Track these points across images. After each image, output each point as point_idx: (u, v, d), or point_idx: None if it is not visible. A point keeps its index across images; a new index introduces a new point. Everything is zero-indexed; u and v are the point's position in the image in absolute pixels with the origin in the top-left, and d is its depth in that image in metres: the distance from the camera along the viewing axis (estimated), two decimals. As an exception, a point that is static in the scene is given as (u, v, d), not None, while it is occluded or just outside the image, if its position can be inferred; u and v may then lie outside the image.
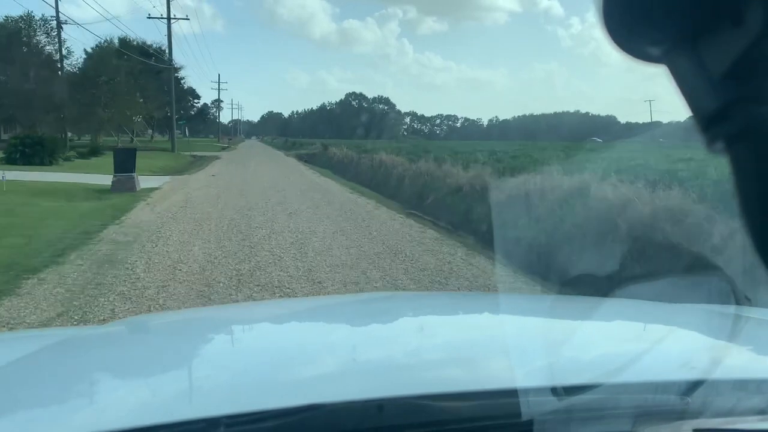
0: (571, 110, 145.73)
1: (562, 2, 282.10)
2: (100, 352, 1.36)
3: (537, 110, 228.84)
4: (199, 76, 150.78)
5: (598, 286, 4.37)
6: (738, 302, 1.91)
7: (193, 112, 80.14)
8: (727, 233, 4.79)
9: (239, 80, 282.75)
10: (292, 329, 1.56)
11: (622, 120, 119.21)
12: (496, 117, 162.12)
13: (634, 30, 0.40)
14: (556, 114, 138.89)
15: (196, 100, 79.48)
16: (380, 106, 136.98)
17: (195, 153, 37.95)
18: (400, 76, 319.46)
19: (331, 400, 0.85)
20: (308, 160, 32.24)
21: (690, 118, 0.40)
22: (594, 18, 0.41)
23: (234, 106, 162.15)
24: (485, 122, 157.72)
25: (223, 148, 55.24)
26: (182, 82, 64.21)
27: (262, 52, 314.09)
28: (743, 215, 0.39)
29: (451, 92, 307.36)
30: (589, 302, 2.03)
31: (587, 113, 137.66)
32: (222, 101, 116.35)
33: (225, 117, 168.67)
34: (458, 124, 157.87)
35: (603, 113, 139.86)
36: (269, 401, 0.88)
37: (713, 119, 0.38)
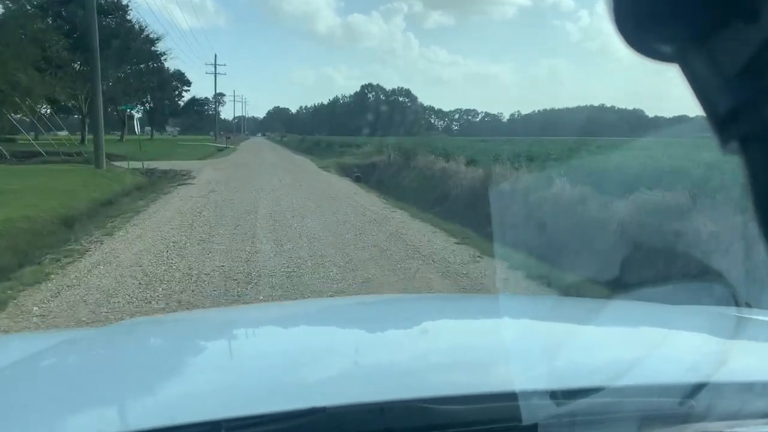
0: (596, 104, 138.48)
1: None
2: (101, 355, 1.34)
3: (559, 104, 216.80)
4: (199, 73, 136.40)
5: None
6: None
7: (181, 102, 64.20)
8: None
9: (243, 76, 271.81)
10: (294, 332, 1.54)
11: (650, 114, 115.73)
12: (518, 111, 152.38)
13: (644, 28, 0.38)
14: (579, 108, 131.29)
15: (185, 87, 62.34)
16: (400, 99, 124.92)
17: (160, 164, 19.85)
18: (406, 71, 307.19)
19: (333, 403, 0.84)
20: (360, 177, 18.07)
21: (703, 118, 0.38)
22: (605, 11, 0.39)
23: (237, 99, 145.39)
24: (506, 117, 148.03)
25: (219, 150, 38.72)
26: (162, 57, 48.05)
27: (266, 48, 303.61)
28: (758, 218, 0.37)
29: (459, 87, 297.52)
30: (592, 304, 2.08)
31: (612, 107, 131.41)
32: (224, 95, 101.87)
33: (228, 113, 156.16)
34: (477, 119, 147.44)
35: (630, 107, 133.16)
36: (271, 404, 0.86)
37: (727, 119, 0.37)
